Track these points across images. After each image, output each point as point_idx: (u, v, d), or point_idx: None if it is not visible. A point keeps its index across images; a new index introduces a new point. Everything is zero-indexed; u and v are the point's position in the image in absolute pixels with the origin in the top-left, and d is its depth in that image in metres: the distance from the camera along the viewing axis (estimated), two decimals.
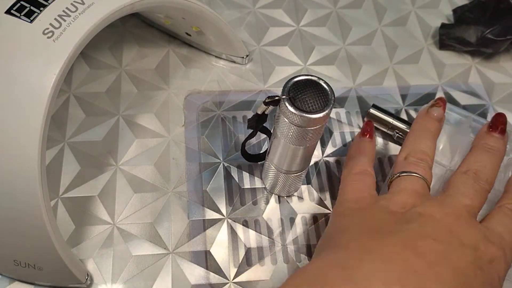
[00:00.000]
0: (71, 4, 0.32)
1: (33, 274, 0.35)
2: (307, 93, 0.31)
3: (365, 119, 0.46)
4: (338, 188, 0.37)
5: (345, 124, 0.47)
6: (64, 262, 0.33)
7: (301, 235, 0.41)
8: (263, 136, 0.45)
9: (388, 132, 0.45)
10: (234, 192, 0.42)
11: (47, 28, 0.31)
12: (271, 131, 0.39)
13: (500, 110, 0.49)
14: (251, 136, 0.39)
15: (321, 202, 0.43)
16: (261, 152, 0.44)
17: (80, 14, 0.31)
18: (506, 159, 0.38)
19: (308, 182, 0.43)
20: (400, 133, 0.45)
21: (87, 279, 0.36)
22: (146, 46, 0.50)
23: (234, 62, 0.49)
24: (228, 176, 0.43)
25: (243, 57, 0.48)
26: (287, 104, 0.31)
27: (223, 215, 0.41)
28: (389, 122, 0.45)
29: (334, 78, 0.50)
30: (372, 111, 0.46)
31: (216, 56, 0.50)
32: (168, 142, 0.44)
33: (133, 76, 0.48)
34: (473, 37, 0.51)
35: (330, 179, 0.44)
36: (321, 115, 0.31)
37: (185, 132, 0.45)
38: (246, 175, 0.43)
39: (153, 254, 0.39)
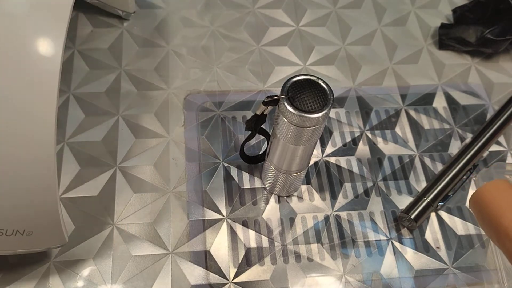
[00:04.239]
0: None
1: (16, 242, 0.33)
2: (306, 93, 0.31)
3: None
4: (338, 188, 0.37)
5: (345, 124, 0.47)
6: (59, 220, 0.32)
7: (300, 235, 0.41)
8: (263, 136, 0.45)
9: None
10: (233, 192, 0.42)
11: None
12: (269, 133, 0.39)
13: None
14: (249, 138, 0.39)
15: (320, 202, 0.43)
16: (260, 153, 0.44)
17: None
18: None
19: (308, 182, 0.43)
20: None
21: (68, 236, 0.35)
22: (145, 46, 0.50)
23: (116, 17, 0.47)
24: (227, 176, 0.43)
25: (129, 13, 0.45)
26: (286, 104, 0.31)
27: (223, 215, 0.41)
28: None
29: (334, 78, 0.50)
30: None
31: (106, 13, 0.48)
32: (168, 142, 0.44)
33: (133, 76, 0.48)
34: (472, 37, 0.51)
35: (330, 179, 0.44)
36: (320, 114, 0.31)
37: (185, 132, 0.45)
38: (245, 175, 0.43)
39: (153, 254, 0.39)
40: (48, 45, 0.30)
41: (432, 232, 0.42)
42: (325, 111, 0.31)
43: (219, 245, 0.40)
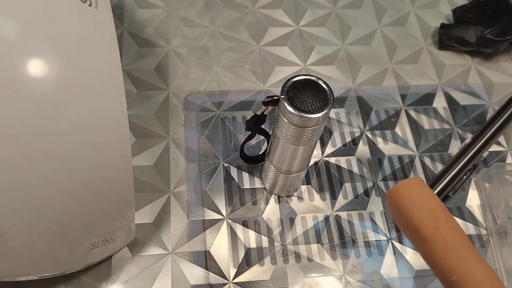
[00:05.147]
0: None
1: (102, 251, 0.35)
2: (306, 93, 0.31)
3: None
4: (338, 188, 0.37)
5: (345, 124, 0.47)
6: (133, 222, 0.35)
7: (300, 235, 0.41)
8: (263, 136, 0.45)
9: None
10: (233, 192, 0.42)
11: None
12: (269, 133, 0.39)
13: None
14: (249, 138, 0.39)
15: (320, 202, 0.43)
16: (260, 153, 0.44)
17: None
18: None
19: (308, 182, 0.43)
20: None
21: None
22: (145, 46, 0.50)
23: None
24: (227, 176, 0.43)
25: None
26: (286, 104, 0.31)
27: (223, 215, 0.41)
28: None
29: (334, 78, 0.50)
30: None
31: None
32: (168, 142, 0.44)
33: (133, 76, 0.48)
34: (472, 37, 0.51)
35: (330, 179, 0.44)
36: (320, 115, 0.31)
37: (185, 132, 0.45)
38: (245, 175, 0.43)
39: (153, 254, 0.39)
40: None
41: None
42: (325, 111, 0.31)
43: (219, 245, 0.40)
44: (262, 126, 0.37)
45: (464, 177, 0.44)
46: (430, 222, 0.25)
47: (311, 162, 0.44)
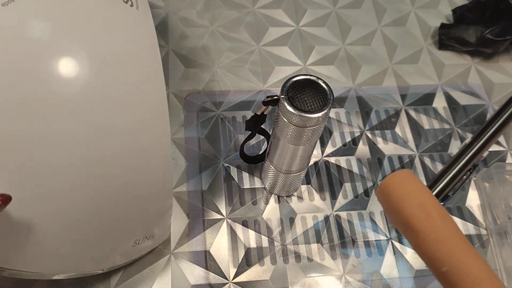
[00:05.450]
0: None
1: (141, 248, 0.36)
2: (306, 92, 0.31)
3: None
4: (338, 188, 0.37)
5: (345, 124, 0.47)
6: (170, 220, 0.35)
7: (300, 235, 0.41)
8: (263, 136, 0.45)
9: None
10: (233, 192, 0.42)
11: None
12: (269, 133, 0.39)
13: None
14: (249, 137, 0.39)
15: (320, 202, 0.43)
16: (260, 153, 0.44)
17: None
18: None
19: (308, 182, 0.43)
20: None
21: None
22: None
23: None
24: (227, 176, 0.43)
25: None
26: (286, 104, 0.31)
27: (223, 215, 0.41)
28: None
29: (334, 78, 0.50)
30: None
31: None
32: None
33: None
34: (472, 37, 0.51)
35: (330, 179, 0.44)
36: (319, 114, 0.31)
37: (185, 132, 0.45)
38: (245, 175, 0.43)
39: (153, 254, 0.39)
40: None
41: None
42: (325, 111, 0.31)
43: (219, 245, 0.40)
44: (262, 126, 0.37)
45: (464, 177, 0.44)
46: (420, 213, 0.25)
47: (311, 162, 0.44)
